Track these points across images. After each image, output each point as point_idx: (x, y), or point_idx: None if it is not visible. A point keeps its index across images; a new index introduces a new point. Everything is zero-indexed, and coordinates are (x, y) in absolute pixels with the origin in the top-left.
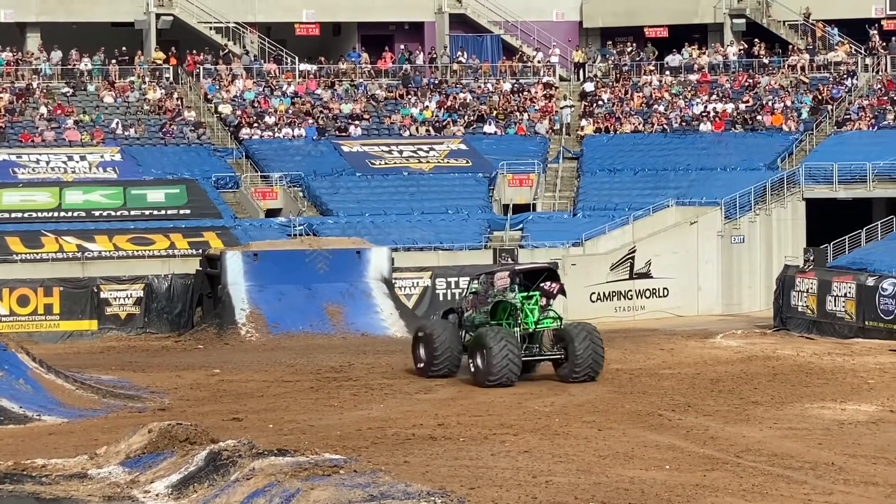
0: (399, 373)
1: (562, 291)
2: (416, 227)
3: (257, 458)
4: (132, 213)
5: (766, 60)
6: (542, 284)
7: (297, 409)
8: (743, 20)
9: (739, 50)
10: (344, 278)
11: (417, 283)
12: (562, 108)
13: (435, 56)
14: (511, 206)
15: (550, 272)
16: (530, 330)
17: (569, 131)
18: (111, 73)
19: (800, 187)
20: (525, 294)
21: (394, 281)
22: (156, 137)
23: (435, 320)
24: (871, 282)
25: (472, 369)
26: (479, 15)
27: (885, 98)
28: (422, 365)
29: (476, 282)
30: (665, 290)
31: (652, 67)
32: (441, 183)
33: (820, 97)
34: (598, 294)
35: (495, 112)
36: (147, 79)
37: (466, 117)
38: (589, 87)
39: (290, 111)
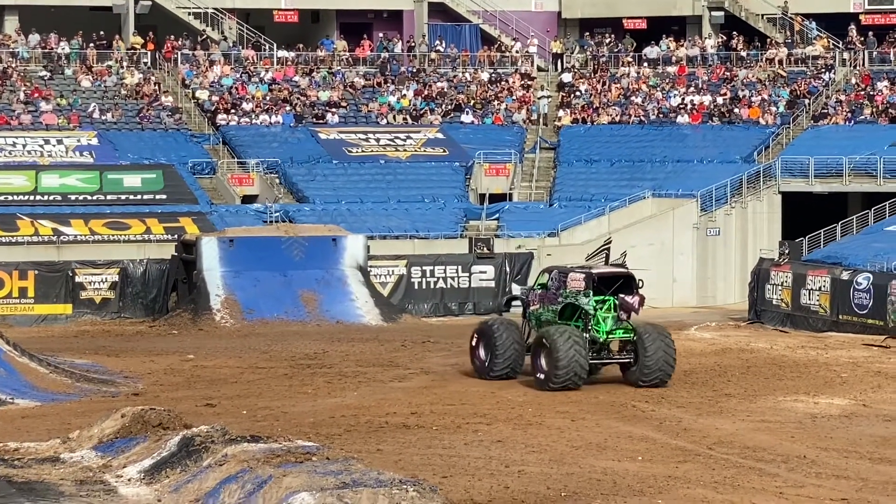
0: (373, 361)
1: (642, 303)
2: (393, 215)
3: (230, 445)
4: (108, 197)
5: (743, 54)
6: (623, 296)
7: (271, 395)
8: (721, 13)
9: (718, 43)
10: (319, 265)
11: (393, 271)
12: (539, 98)
13: (413, 45)
14: (487, 195)
15: (628, 279)
16: (601, 340)
17: (546, 121)
18: (89, 57)
19: (776, 181)
20: (599, 299)
21: (369, 269)
22: (133, 122)
23: (496, 319)
24: (845, 276)
25: (534, 369)
26: (458, 4)
27: (862, 93)
28: (481, 364)
29: (547, 275)
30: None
31: (630, 59)
32: (418, 171)
33: (797, 91)
34: None
35: (473, 101)
36: (125, 63)
37: (444, 106)
38: (567, 77)
39: (268, 98)
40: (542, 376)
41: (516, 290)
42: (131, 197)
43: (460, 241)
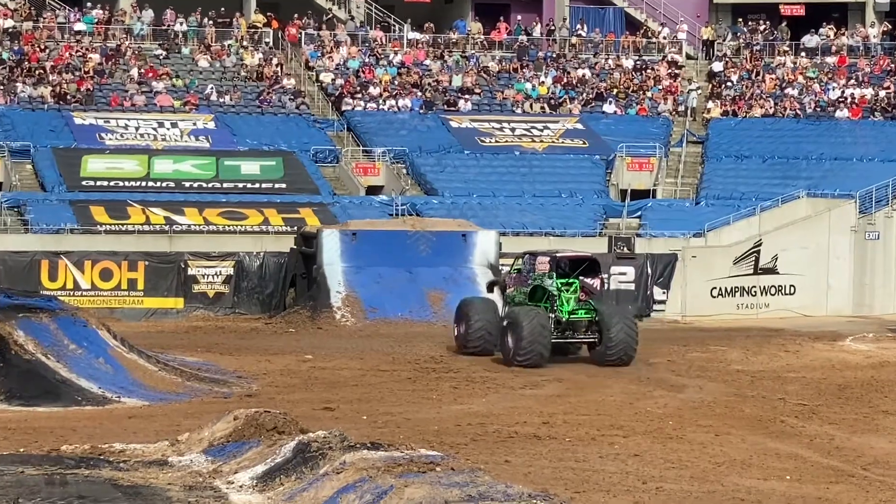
0: (503, 366)
1: (602, 286)
2: (527, 210)
3: (349, 452)
4: (224, 185)
5: None
6: (585, 279)
7: (393, 400)
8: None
9: (882, 31)
10: (448, 262)
11: None
12: (688, 91)
13: (553, 28)
14: (629, 191)
15: (592, 263)
16: (564, 319)
17: (694, 114)
18: (207, 35)
19: None
20: (564, 281)
21: (501, 267)
22: (252, 106)
23: (476, 297)
24: None
25: (503, 347)
26: None
27: None
28: (458, 337)
29: (521, 260)
30: (792, 288)
31: (786, 48)
32: (555, 164)
33: None
34: (720, 289)
35: (615, 90)
36: (245, 43)
37: (584, 95)
38: (717, 66)
39: (396, 82)
40: (508, 353)
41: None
42: (249, 185)
43: (599, 240)
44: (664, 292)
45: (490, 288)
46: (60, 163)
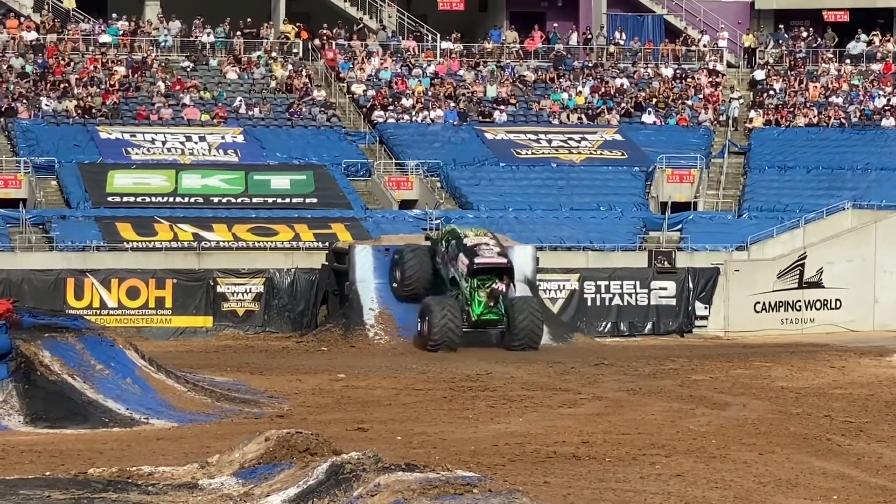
0: (541, 384)
1: (508, 288)
2: (564, 224)
3: (383, 473)
4: (254, 200)
5: None
6: (493, 285)
7: (428, 420)
8: None
9: None
10: None
11: (564, 285)
12: (730, 100)
13: (590, 36)
14: (670, 203)
15: (505, 269)
16: (473, 319)
17: (736, 124)
18: (235, 46)
19: None
20: (479, 281)
21: (538, 283)
22: (282, 118)
23: (412, 246)
24: None
25: (419, 332)
26: None
27: None
28: (395, 285)
29: (454, 241)
30: (838, 302)
31: (830, 55)
32: (593, 176)
33: None
34: (763, 304)
35: (655, 100)
36: (274, 54)
37: (623, 105)
38: (759, 75)
39: (430, 93)
40: (423, 339)
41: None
42: (279, 200)
43: (639, 254)
44: (706, 307)
45: (427, 238)
46: (86, 178)
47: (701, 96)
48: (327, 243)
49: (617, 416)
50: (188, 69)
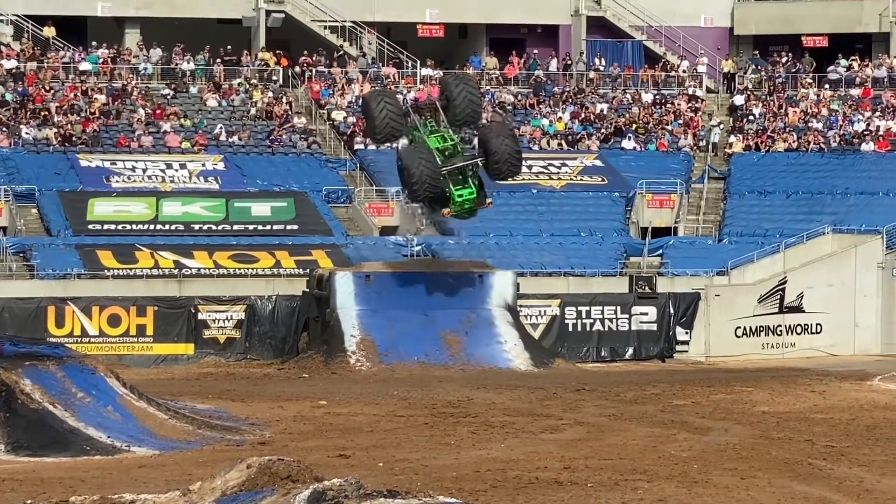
0: (522, 410)
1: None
2: (545, 249)
3: (365, 500)
4: (235, 227)
5: None
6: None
7: (410, 446)
8: None
9: None
10: (464, 304)
11: (545, 311)
12: (711, 127)
13: (570, 62)
14: (650, 229)
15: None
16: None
17: (715, 149)
18: (216, 73)
19: None
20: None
21: (519, 308)
22: (262, 145)
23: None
24: None
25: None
26: (619, 18)
27: None
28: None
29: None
30: (818, 327)
31: (809, 80)
32: (573, 202)
33: None
34: (744, 329)
35: (635, 125)
36: (254, 81)
37: (603, 130)
38: (739, 100)
39: None
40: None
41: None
42: (260, 227)
43: (619, 280)
44: (687, 332)
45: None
46: (66, 206)
47: (681, 122)
48: (308, 270)
49: (599, 442)
50: (168, 97)
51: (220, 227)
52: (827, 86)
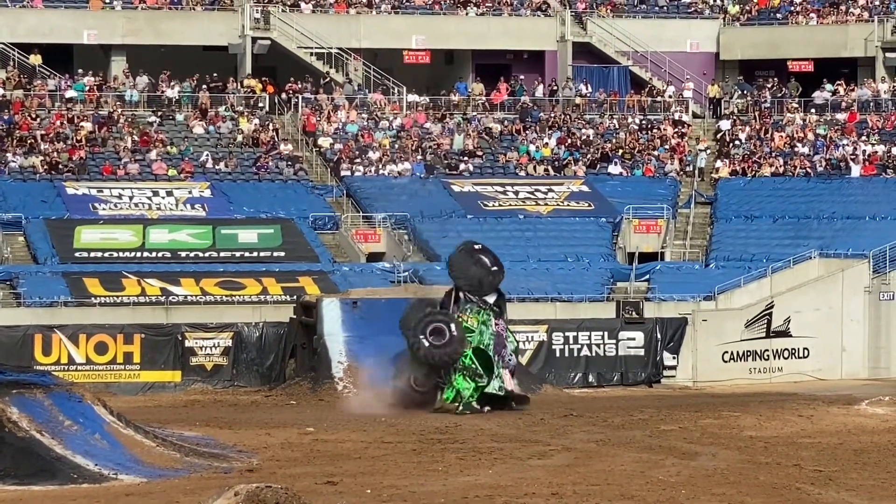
0: (510, 436)
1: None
2: (532, 275)
3: None
4: (221, 254)
5: None
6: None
7: (398, 472)
8: None
9: (893, 87)
10: None
11: (532, 336)
12: (698, 152)
13: (556, 88)
14: (637, 254)
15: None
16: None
17: (702, 174)
18: (202, 101)
19: None
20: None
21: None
22: (249, 172)
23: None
24: None
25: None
26: (605, 44)
27: None
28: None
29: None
30: (805, 351)
31: (795, 105)
32: (560, 228)
33: None
34: (732, 353)
35: (621, 151)
36: (241, 108)
37: (589, 156)
38: (725, 125)
39: (396, 146)
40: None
41: None
42: (246, 254)
43: (607, 305)
44: (674, 357)
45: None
46: (53, 234)
47: (667, 147)
48: (295, 297)
49: (586, 467)
50: (155, 124)
51: (206, 255)
52: (813, 110)
